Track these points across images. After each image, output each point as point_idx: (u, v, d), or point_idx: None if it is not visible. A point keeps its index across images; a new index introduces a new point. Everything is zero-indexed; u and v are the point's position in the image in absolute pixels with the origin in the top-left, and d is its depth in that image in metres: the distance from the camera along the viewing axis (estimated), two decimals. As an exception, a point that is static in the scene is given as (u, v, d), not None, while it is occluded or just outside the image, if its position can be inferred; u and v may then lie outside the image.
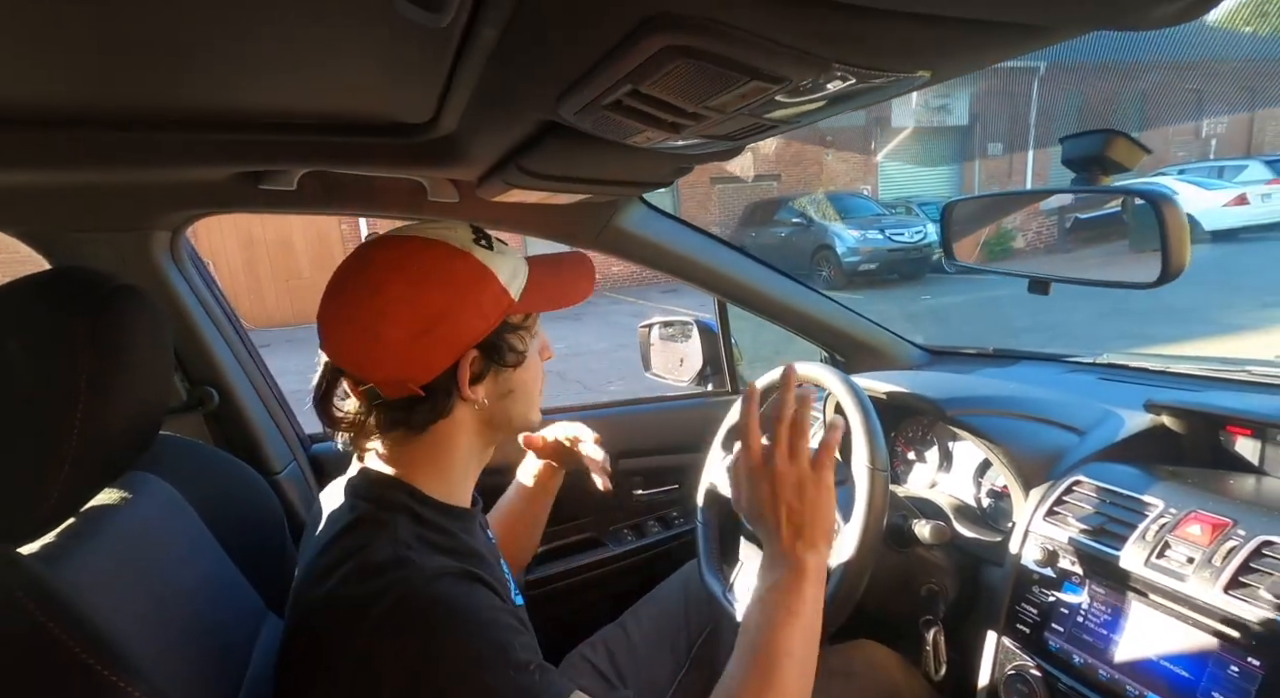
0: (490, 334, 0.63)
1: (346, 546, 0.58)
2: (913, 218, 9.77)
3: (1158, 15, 0.29)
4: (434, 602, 0.52)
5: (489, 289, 0.62)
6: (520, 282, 0.65)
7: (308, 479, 1.23)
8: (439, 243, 0.61)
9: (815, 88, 0.38)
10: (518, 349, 0.66)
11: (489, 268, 0.62)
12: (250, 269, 9.74)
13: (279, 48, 0.49)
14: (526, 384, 0.69)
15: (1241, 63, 12.56)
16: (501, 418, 0.68)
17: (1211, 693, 0.66)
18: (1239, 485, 0.83)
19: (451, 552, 0.60)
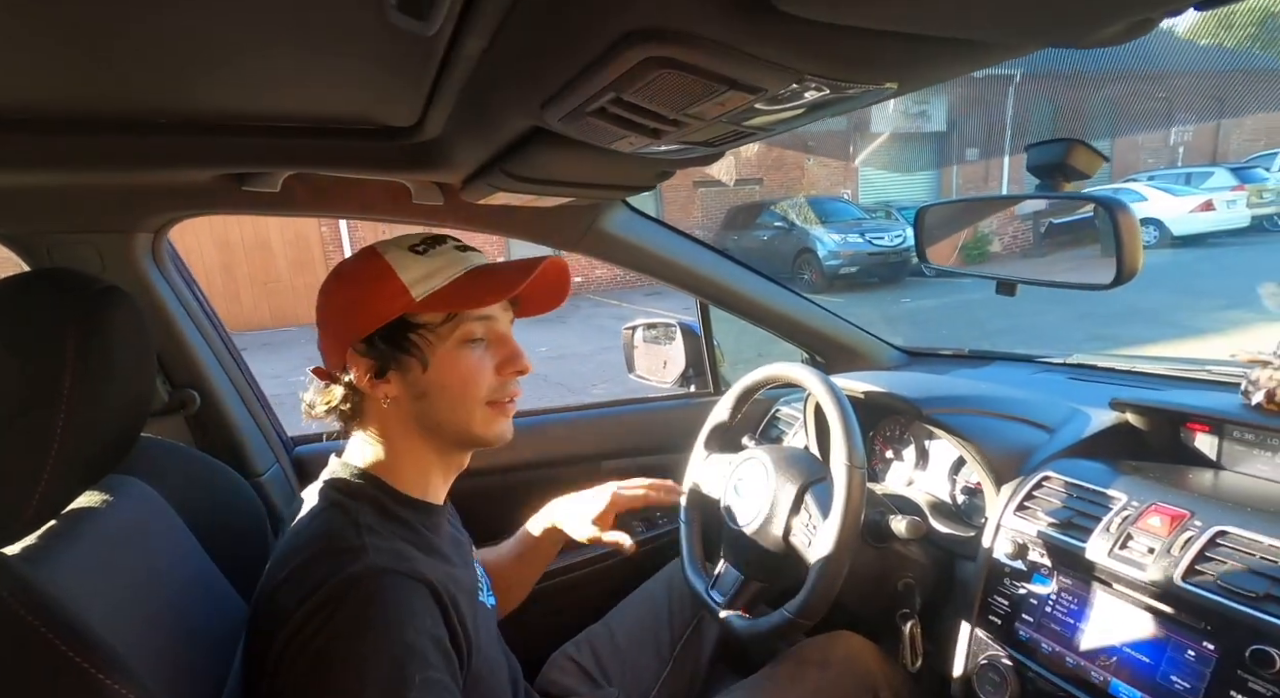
0: (382, 330, 0.65)
1: (315, 530, 0.63)
2: (892, 222, 9.91)
3: (1102, 36, 0.31)
4: (366, 591, 0.56)
5: (384, 287, 0.65)
6: (436, 282, 0.66)
7: (290, 481, 1.23)
8: (369, 250, 0.68)
9: (791, 97, 0.40)
10: (416, 352, 0.66)
11: (392, 268, 0.65)
12: (227, 272, 9.59)
13: (266, 52, 0.50)
14: (447, 389, 0.68)
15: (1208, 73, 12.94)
16: (428, 421, 0.69)
17: (1170, 676, 0.69)
18: (1197, 479, 0.86)
19: (411, 543, 0.65)
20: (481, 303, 0.68)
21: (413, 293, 0.65)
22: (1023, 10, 0.29)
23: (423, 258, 0.67)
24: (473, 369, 0.69)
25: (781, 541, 0.96)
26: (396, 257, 0.67)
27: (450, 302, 0.67)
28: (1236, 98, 13.49)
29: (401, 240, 0.69)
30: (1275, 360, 0.83)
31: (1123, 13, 0.29)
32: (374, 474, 0.69)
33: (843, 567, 0.85)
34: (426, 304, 0.66)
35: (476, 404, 0.70)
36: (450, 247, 0.70)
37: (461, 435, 0.71)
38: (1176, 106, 13.53)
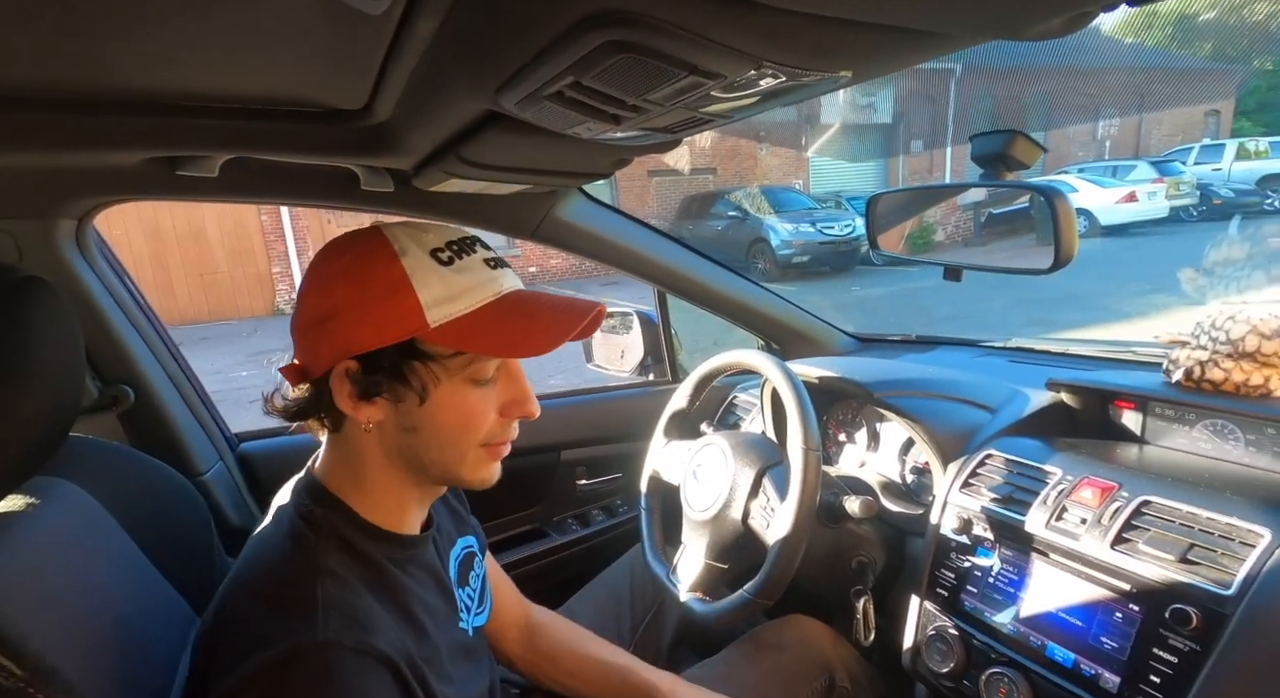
0: (378, 350, 0.56)
1: (270, 563, 0.58)
2: (842, 212, 10.15)
3: (1042, 29, 0.33)
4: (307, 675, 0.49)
5: (398, 303, 0.55)
6: (457, 307, 0.57)
7: (235, 480, 1.18)
8: (383, 241, 0.57)
9: (748, 84, 0.41)
10: (415, 383, 0.57)
11: (409, 280, 0.55)
12: (158, 262, 9.08)
13: (202, 27, 0.47)
14: (441, 429, 0.59)
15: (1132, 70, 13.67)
16: (412, 456, 0.60)
17: (1100, 637, 0.73)
18: (1124, 453, 0.92)
19: (373, 588, 0.58)
20: (510, 353, 0.59)
21: (428, 316, 0.55)
22: (970, 3, 0.30)
23: (446, 271, 0.57)
24: (476, 411, 0.60)
25: (740, 524, 0.98)
26: (417, 265, 0.56)
27: (470, 340, 0.57)
28: (1156, 94, 14.31)
29: (422, 236, 0.58)
30: (1193, 342, 0.89)
31: (1061, 8, 0.30)
32: (343, 501, 0.61)
33: (800, 547, 0.87)
34: (441, 333, 0.56)
35: (471, 447, 0.61)
36: (479, 258, 0.60)
37: (446, 476, 0.63)
38: (1103, 102, 14.25)
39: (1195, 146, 11.82)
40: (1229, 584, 0.66)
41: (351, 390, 0.57)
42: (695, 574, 1.02)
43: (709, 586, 1.01)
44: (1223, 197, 10.48)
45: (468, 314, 0.57)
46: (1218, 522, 0.71)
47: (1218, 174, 11.02)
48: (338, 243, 0.60)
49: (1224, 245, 7.37)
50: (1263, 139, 11.44)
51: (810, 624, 1.04)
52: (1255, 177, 10.68)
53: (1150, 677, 0.68)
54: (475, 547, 0.82)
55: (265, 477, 1.21)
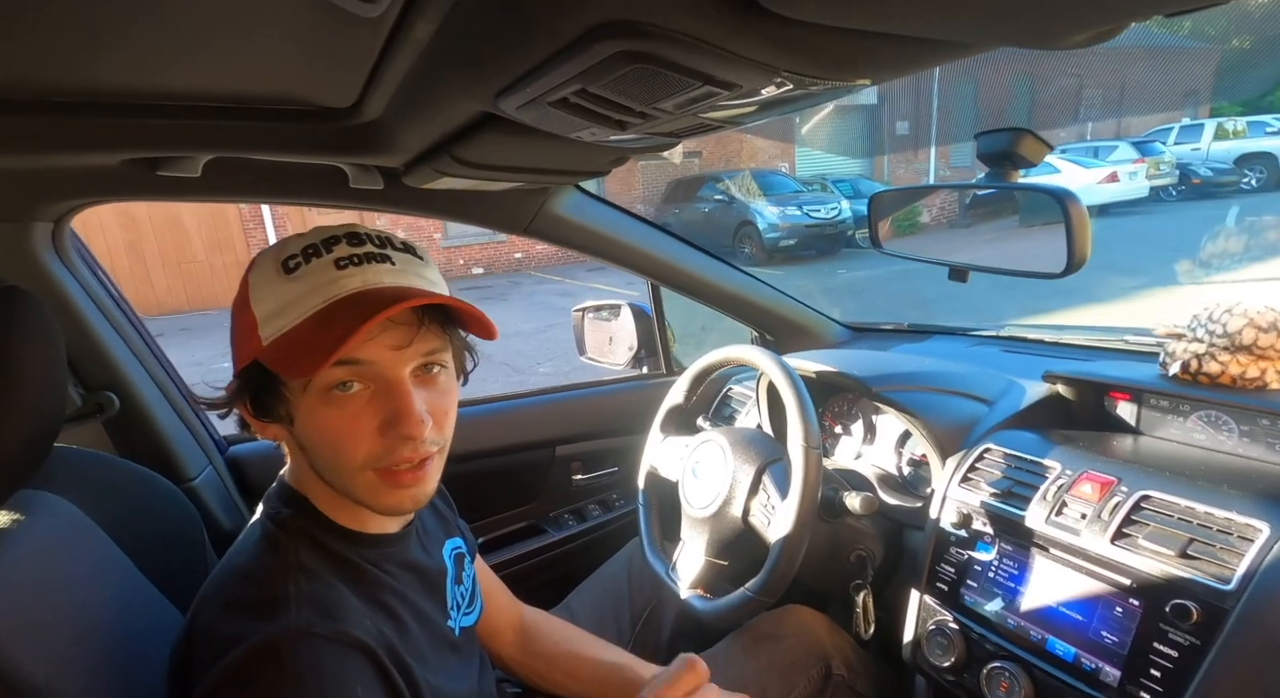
0: (245, 371, 0.55)
1: (242, 565, 0.57)
2: (829, 194, 10.14)
3: (1072, 41, 0.31)
4: (282, 663, 0.48)
5: (243, 321, 0.54)
6: (284, 321, 0.52)
7: (226, 485, 1.16)
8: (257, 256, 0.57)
9: (766, 92, 0.39)
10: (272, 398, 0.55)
11: (248, 296, 0.53)
12: (134, 252, 8.89)
13: (188, 28, 0.45)
14: (319, 450, 0.56)
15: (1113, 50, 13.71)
16: (323, 475, 0.58)
17: (1100, 632, 0.74)
18: (1121, 445, 0.93)
19: (350, 583, 0.57)
20: (301, 370, 0.51)
21: (261, 334, 0.52)
22: (1006, 17, 0.28)
23: (284, 280, 0.53)
24: (341, 429, 0.54)
25: (740, 521, 0.98)
26: (260, 276, 0.54)
27: (280, 359, 0.52)
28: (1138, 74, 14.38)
29: (287, 246, 0.55)
30: (1189, 334, 0.90)
31: (1097, 22, 0.29)
32: (309, 502, 0.60)
33: (801, 546, 0.87)
34: (270, 351, 0.52)
35: (355, 472, 0.55)
36: (330, 259, 0.53)
37: (350, 495, 0.58)
38: (1086, 82, 14.30)
39: (1175, 127, 11.92)
40: (1228, 579, 0.67)
41: (249, 410, 0.57)
42: (696, 571, 1.02)
43: (710, 583, 1.01)
44: (1202, 175, 10.61)
45: (294, 327, 0.52)
46: (1216, 516, 0.72)
47: (1197, 154, 11.14)
48: None
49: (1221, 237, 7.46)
50: (1240, 119, 11.56)
51: (806, 614, 1.05)
52: (1233, 156, 10.81)
53: (1151, 671, 0.69)
54: (464, 548, 0.81)
55: (256, 480, 1.19)
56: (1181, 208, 10.03)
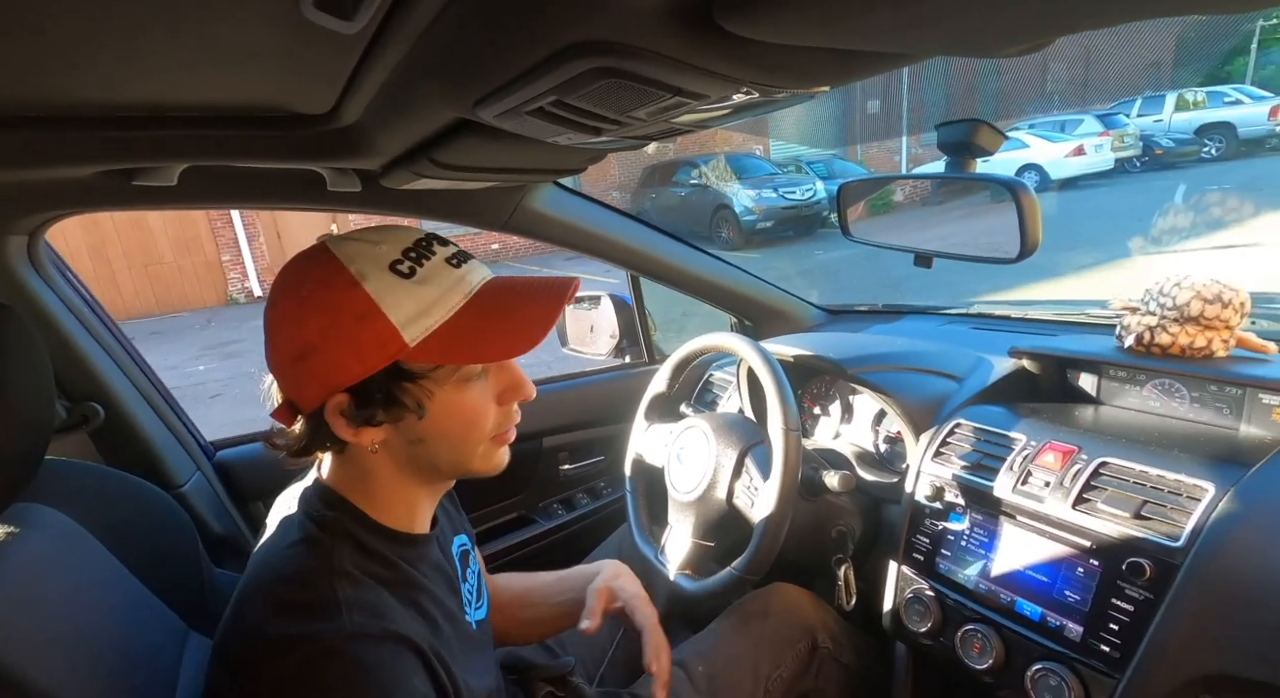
0: (369, 380, 0.55)
1: (287, 569, 0.57)
2: (803, 176, 10.18)
3: (1008, 52, 0.34)
4: (342, 665, 0.50)
5: (372, 330, 0.54)
6: (433, 319, 0.55)
7: (215, 489, 1.17)
8: (337, 264, 0.55)
9: (729, 100, 0.42)
10: (411, 403, 0.57)
11: (378, 305, 0.53)
12: (98, 254, 8.64)
13: (164, 42, 0.45)
14: (447, 436, 0.60)
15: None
16: (424, 463, 0.61)
17: (1064, 591, 0.79)
18: (1082, 416, 0.98)
19: (389, 584, 0.59)
20: (499, 356, 0.57)
21: (405, 337, 0.54)
22: (947, 33, 0.31)
23: (411, 285, 0.55)
24: (477, 410, 0.60)
25: (725, 503, 1.01)
26: (380, 284, 0.54)
27: (453, 351, 0.56)
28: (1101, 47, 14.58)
29: (376, 252, 0.55)
30: (1142, 308, 0.94)
31: (1028, 38, 0.32)
32: (354, 504, 0.61)
33: (784, 524, 0.91)
34: (423, 350, 0.55)
35: (480, 442, 0.62)
36: (440, 260, 0.57)
37: (458, 472, 0.64)
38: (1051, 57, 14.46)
39: (1138, 99, 12.13)
40: (1178, 537, 0.72)
41: (349, 421, 0.56)
42: (683, 554, 1.05)
43: (697, 564, 1.05)
44: (1164, 146, 10.84)
45: (445, 324, 0.56)
46: (1167, 478, 0.77)
47: (1159, 125, 11.37)
48: (294, 270, 0.58)
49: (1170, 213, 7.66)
50: (1200, 90, 11.80)
51: (791, 591, 1.09)
52: (1194, 126, 11.06)
53: (1110, 625, 0.74)
54: (469, 545, 0.83)
55: (245, 484, 1.20)
56: (1145, 179, 10.25)
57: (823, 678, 1.01)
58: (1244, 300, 0.86)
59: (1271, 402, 0.83)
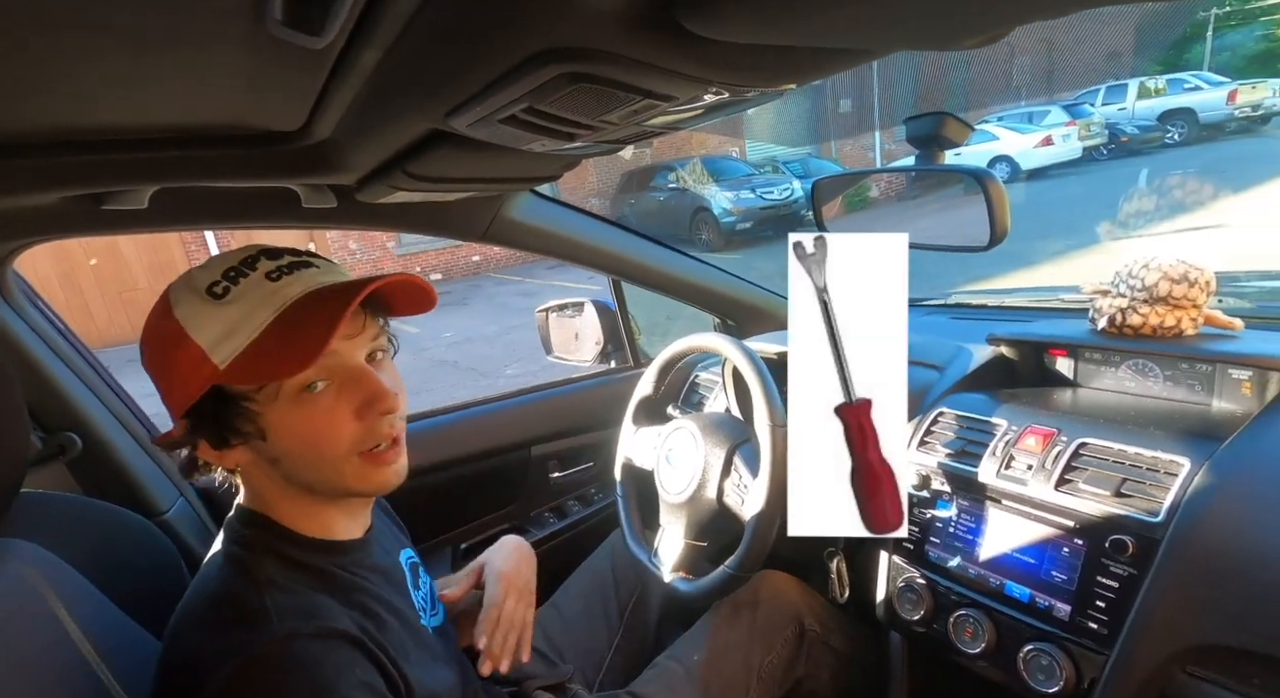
0: (197, 405, 0.55)
1: (210, 591, 0.57)
2: (780, 176, 10.28)
3: (966, 44, 0.35)
4: (277, 667, 0.50)
5: (185, 355, 0.54)
6: (238, 341, 0.54)
7: (200, 515, 1.15)
8: (162, 296, 0.57)
9: (698, 101, 0.42)
10: (236, 421, 0.55)
11: (185, 330, 0.53)
12: (69, 283, 8.48)
13: (134, 65, 0.45)
14: (299, 455, 0.57)
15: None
16: (297, 482, 0.59)
17: (1051, 572, 0.81)
18: (1060, 399, 1.00)
19: (324, 591, 0.59)
20: (288, 370, 0.53)
21: (214, 359, 0.53)
22: (905, 28, 0.32)
23: (220, 305, 0.54)
24: (319, 426, 0.56)
25: (716, 503, 1.02)
26: (190, 309, 0.54)
27: (256, 370, 0.54)
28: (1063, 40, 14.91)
29: (199, 278, 0.56)
30: (1113, 290, 0.96)
31: (985, 29, 0.33)
32: (272, 519, 0.61)
33: (775, 521, 0.92)
34: (233, 371, 0.53)
35: (341, 461, 0.58)
36: (259, 275, 0.56)
37: (336, 492, 0.61)
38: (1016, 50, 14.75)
39: (1101, 88, 12.41)
40: (1157, 512, 0.73)
41: (203, 445, 0.58)
42: (676, 555, 1.05)
43: (691, 564, 1.05)
44: (1129, 133, 11.11)
45: (252, 341, 0.54)
46: (1144, 456, 0.79)
47: (1123, 113, 11.64)
48: None
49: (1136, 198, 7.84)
50: (1161, 77, 12.11)
51: (778, 578, 1.09)
52: (1156, 113, 11.33)
53: (1096, 602, 0.76)
54: (417, 559, 0.82)
55: (229, 507, 1.18)
56: (1113, 166, 10.49)
57: (813, 663, 1.01)
58: (1209, 279, 0.89)
59: (1240, 376, 0.85)
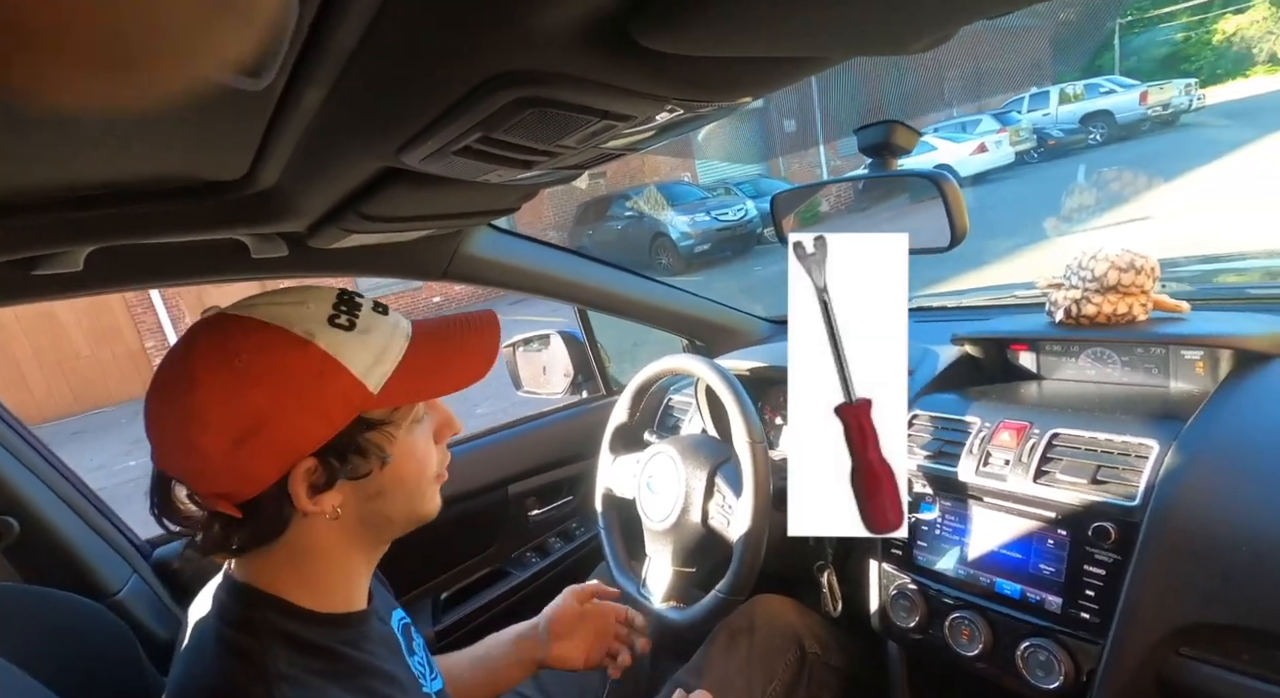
0: (335, 438, 0.53)
1: (215, 685, 0.52)
2: (733, 197, 10.50)
3: (914, 48, 0.36)
4: None
5: (334, 385, 0.52)
6: (388, 365, 0.55)
7: (156, 592, 1.08)
8: (273, 328, 0.52)
9: (656, 119, 0.42)
10: (376, 453, 0.56)
11: (336, 359, 0.52)
12: (3, 355, 8.06)
13: (59, 122, 0.43)
14: (404, 481, 0.59)
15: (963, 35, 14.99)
16: (379, 520, 0.59)
17: (1038, 564, 0.81)
18: (1028, 392, 1.02)
19: (334, 676, 0.55)
20: (461, 384, 0.58)
21: (369, 386, 0.53)
22: (854, 34, 0.32)
23: (356, 335, 0.54)
24: (427, 451, 0.61)
25: (701, 526, 1.00)
26: (331, 339, 0.52)
27: (416, 390, 0.57)
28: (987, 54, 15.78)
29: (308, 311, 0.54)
30: (1066, 283, 0.99)
31: (930, 32, 0.33)
32: (283, 598, 0.56)
33: (762, 539, 0.90)
34: (387, 396, 0.54)
35: (429, 484, 0.62)
36: (369, 309, 0.58)
37: (410, 521, 0.62)
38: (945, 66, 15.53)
39: (1026, 97, 13.12)
40: (1133, 496, 0.75)
41: (309, 489, 0.53)
42: (666, 584, 1.03)
43: (681, 592, 1.03)
44: (1055, 137, 11.76)
45: (399, 367, 0.56)
46: (1114, 441, 0.80)
47: (1048, 118, 12.32)
48: (207, 344, 0.52)
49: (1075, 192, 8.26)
50: (1078, 83, 12.88)
51: (774, 601, 1.08)
52: (1078, 116, 12.04)
53: (1085, 592, 0.76)
54: (408, 619, 0.79)
55: (190, 580, 1.11)
56: (1043, 168, 11.06)
57: (816, 685, 0.99)
58: (1153, 266, 0.92)
59: (1192, 356, 0.89)
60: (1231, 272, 1.52)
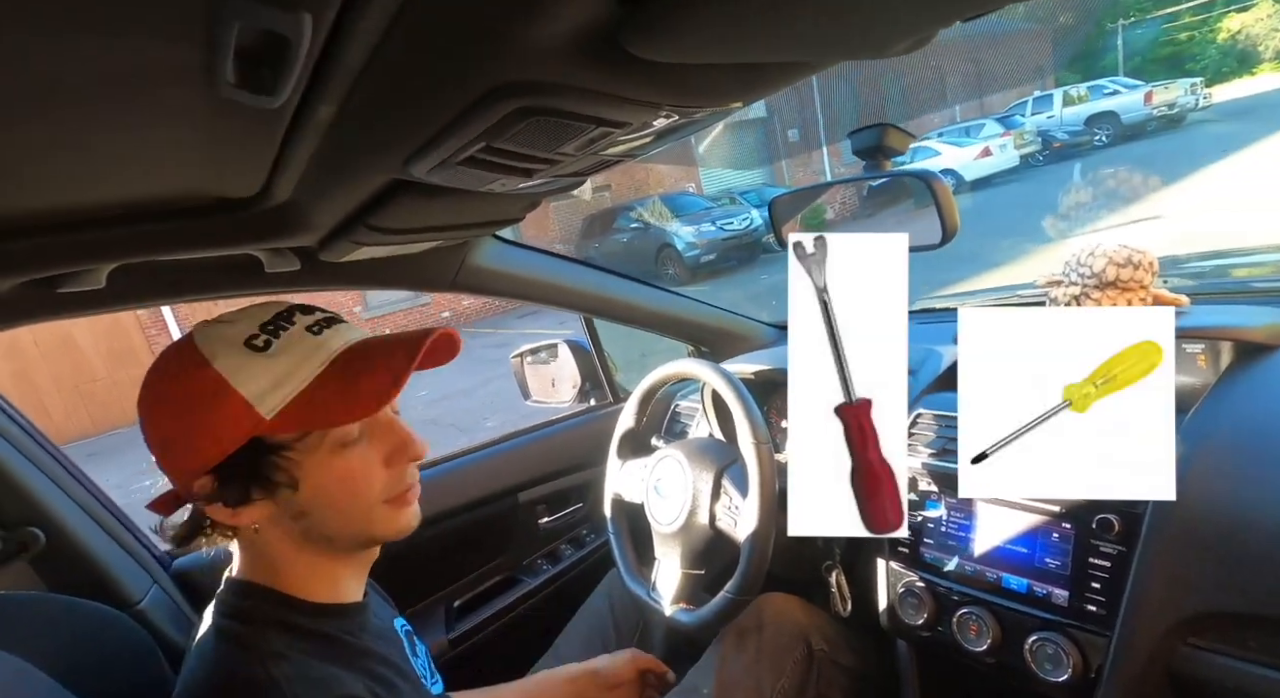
0: (230, 458, 0.54)
1: (210, 674, 0.55)
2: (738, 207, 10.55)
3: (895, 50, 0.38)
4: None
5: (224, 408, 0.53)
6: (288, 389, 0.55)
7: (176, 601, 1.10)
8: (191, 348, 0.56)
9: (651, 126, 0.44)
10: (280, 476, 0.56)
11: (228, 382, 0.53)
12: (24, 380, 8.19)
13: (82, 143, 0.45)
14: (333, 504, 0.58)
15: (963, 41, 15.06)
16: (318, 537, 0.59)
17: (1044, 559, 0.81)
18: None
19: (331, 659, 0.57)
20: (352, 416, 0.56)
21: (260, 410, 0.53)
22: (835, 39, 0.34)
23: (265, 357, 0.55)
24: (356, 474, 0.58)
25: (709, 528, 1.01)
26: (231, 362, 0.54)
27: (309, 418, 0.55)
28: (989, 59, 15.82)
29: (232, 331, 0.56)
30: (1065, 280, 1.00)
31: (910, 34, 0.35)
32: (272, 588, 0.59)
33: (770, 539, 0.91)
34: (281, 421, 0.54)
35: (371, 508, 0.60)
36: (299, 329, 0.58)
37: (360, 540, 0.62)
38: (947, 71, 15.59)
39: (1029, 100, 13.13)
40: (1137, 488, 0.75)
41: (221, 502, 0.55)
42: (675, 586, 1.04)
43: (690, 594, 1.03)
44: (1060, 139, 11.74)
45: (301, 392, 0.55)
46: (1117, 435, 0.81)
47: (1052, 121, 12.31)
48: (154, 364, 0.58)
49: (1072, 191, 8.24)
50: (1082, 85, 12.88)
51: (780, 599, 1.08)
52: (1082, 118, 12.02)
53: (1092, 584, 0.76)
54: (410, 627, 0.81)
55: (208, 590, 1.13)
56: (1049, 170, 11.04)
57: (824, 683, 0.99)
58: (1152, 260, 0.93)
59: (1194, 349, 0.89)
60: (1233, 266, 1.52)
